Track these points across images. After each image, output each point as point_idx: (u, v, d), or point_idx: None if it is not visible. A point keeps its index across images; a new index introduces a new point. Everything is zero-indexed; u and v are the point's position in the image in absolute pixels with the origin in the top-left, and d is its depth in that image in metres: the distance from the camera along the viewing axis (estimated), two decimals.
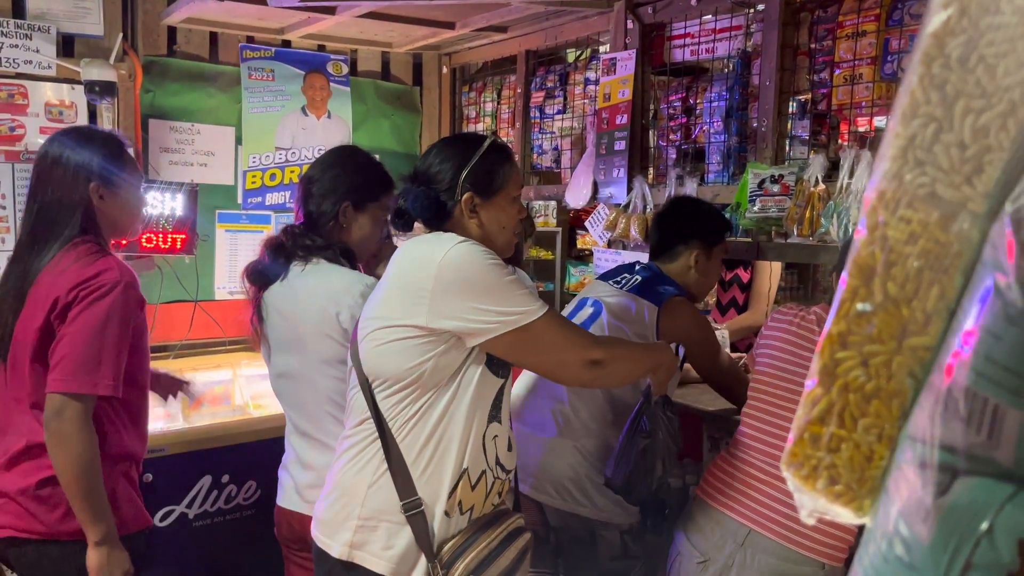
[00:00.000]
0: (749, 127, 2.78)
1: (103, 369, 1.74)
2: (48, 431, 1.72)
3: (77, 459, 1.72)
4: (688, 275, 2.31)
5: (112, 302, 1.75)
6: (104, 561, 1.76)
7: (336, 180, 1.98)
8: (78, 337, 1.73)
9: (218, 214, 3.63)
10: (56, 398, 1.72)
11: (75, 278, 1.76)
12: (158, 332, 3.44)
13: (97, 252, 1.83)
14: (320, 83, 3.86)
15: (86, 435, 1.73)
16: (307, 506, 1.90)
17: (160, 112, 3.44)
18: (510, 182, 1.65)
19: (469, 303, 1.48)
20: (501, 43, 3.84)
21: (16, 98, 3.10)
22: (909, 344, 0.55)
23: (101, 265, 1.79)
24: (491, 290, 1.49)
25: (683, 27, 2.99)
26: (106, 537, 1.76)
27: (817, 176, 2.40)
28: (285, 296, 1.92)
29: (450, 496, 1.52)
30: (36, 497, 1.79)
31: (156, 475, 2.83)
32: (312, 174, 2.03)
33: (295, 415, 1.98)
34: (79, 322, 1.73)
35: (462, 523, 1.54)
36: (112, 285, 1.76)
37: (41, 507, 1.79)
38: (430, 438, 1.52)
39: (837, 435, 0.57)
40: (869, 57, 2.40)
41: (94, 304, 1.74)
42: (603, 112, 3.19)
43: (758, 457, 1.84)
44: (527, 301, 1.51)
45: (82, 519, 1.75)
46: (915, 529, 0.51)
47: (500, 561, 1.53)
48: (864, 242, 0.56)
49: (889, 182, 0.55)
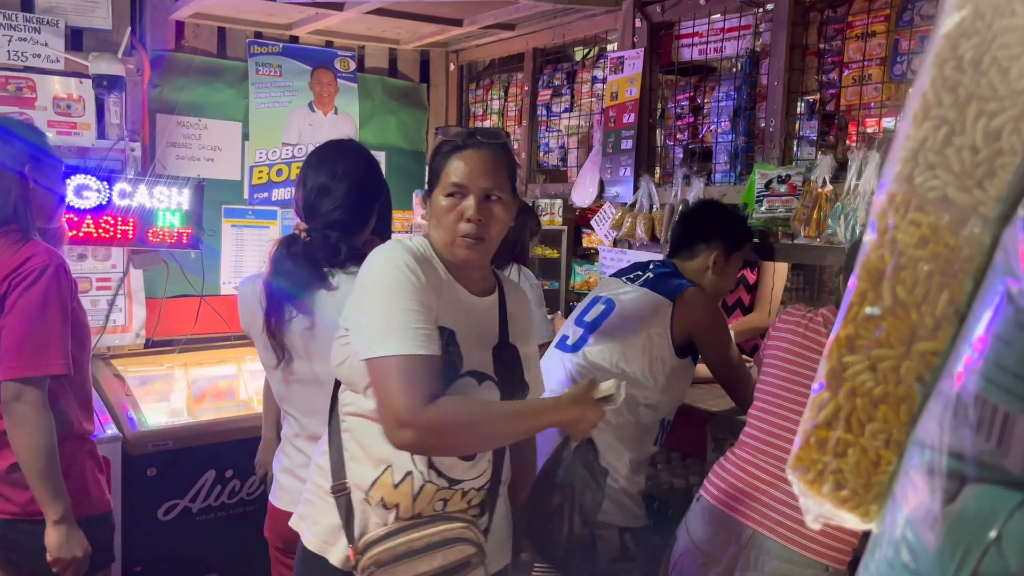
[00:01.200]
0: (757, 127, 2.77)
1: (51, 350, 1.80)
2: (8, 417, 1.78)
3: (35, 441, 1.78)
4: (704, 276, 2.30)
5: (47, 285, 1.80)
6: (64, 539, 1.82)
7: (373, 185, 1.98)
8: (20, 323, 1.77)
9: (224, 209, 3.63)
10: (11, 386, 1.77)
11: (4, 267, 1.80)
12: (164, 326, 3.45)
13: (21, 240, 1.86)
14: (327, 79, 3.86)
15: (44, 417, 1.79)
16: None
17: (167, 107, 3.45)
18: (443, 173, 1.51)
19: (355, 309, 1.49)
20: (509, 41, 3.83)
21: (24, 91, 3.10)
22: (918, 349, 0.54)
23: (28, 250, 1.83)
24: (369, 303, 1.45)
25: (691, 26, 2.98)
26: (64, 516, 1.82)
27: (825, 177, 2.39)
28: (323, 304, 1.88)
29: (371, 487, 1.52)
30: (8, 480, 1.84)
31: (160, 469, 2.84)
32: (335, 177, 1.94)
33: (310, 421, 1.95)
34: (18, 309, 1.78)
35: (388, 518, 1.52)
36: (42, 269, 1.80)
37: (12, 489, 1.84)
38: (360, 430, 1.55)
39: (844, 439, 0.57)
40: (878, 58, 2.39)
41: (29, 289, 1.78)
42: (610, 111, 3.18)
43: (763, 459, 1.84)
44: (390, 333, 1.38)
45: (41, 499, 1.80)
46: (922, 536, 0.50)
47: (418, 564, 1.48)
48: (873, 245, 0.55)
49: (900, 185, 0.54)
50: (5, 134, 1.91)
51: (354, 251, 1.92)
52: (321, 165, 1.94)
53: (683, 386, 2.28)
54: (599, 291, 2.41)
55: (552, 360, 2.32)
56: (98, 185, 2.98)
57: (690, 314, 2.19)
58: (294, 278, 1.87)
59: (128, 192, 3.04)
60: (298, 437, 1.99)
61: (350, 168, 1.94)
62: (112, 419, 2.83)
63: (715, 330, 2.25)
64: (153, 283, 3.42)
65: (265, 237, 3.74)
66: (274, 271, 1.89)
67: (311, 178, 1.94)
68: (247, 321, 2.00)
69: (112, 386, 3.03)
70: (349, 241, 1.91)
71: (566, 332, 2.37)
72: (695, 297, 2.22)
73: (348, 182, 1.92)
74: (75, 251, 3.21)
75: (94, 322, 3.26)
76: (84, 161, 3.13)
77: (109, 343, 3.32)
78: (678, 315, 2.18)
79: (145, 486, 2.82)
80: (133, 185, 3.06)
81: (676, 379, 2.22)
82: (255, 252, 3.71)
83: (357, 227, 1.95)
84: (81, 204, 2.95)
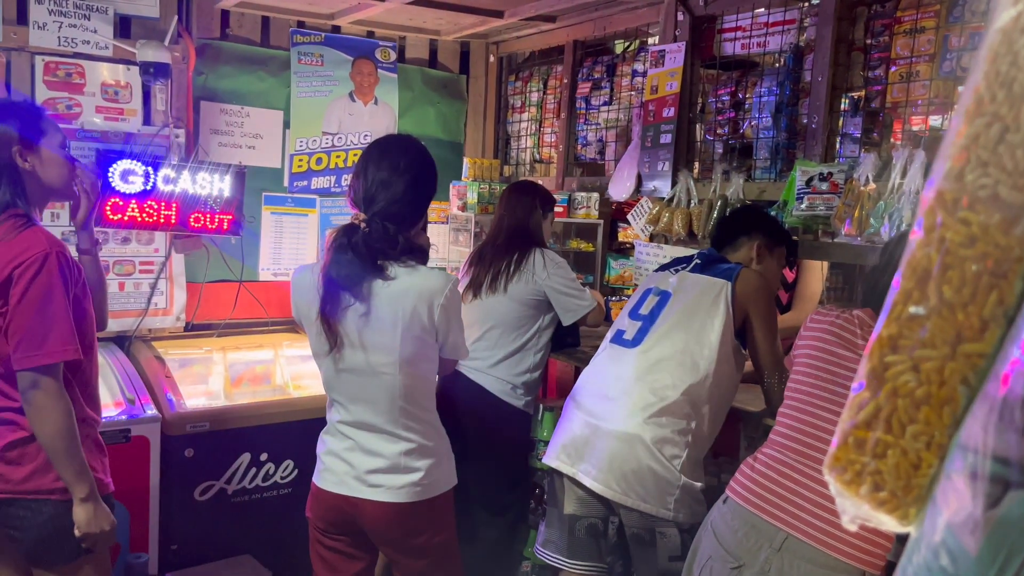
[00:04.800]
0: (799, 123, 2.73)
1: (62, 336, 1.83)
2: (27, 406, 1.83)
3: (56, 425, 1.82)
4: (750, 267, 2.30)
5: (50, 273, 1.82)
6: (92, 515, 1.87)
7: (431, 182, 2.04)
8: (29, 313, 1.80)
9: (264, 196, 3.68)
10: (27, 375, 1.81)
11: (6, 254, 1.82)
12: (203, 310, 3.51)
13: (22, 225, 1.88)
14: (368, 69, 3.88)
15: (62, 401, 1.84)
16: (372, 491, 1.97)
17: (211, 94, 3.50)
18: None
19: None
20: (549, 33, 3.82)
21: (74, 77, 3.17)
22: (963, 350, 0.53)
23: (28, 238, 1.85)
24: None
25: (735, 20, 2.95)
26: (91, 493, 1.88)
27: (868, 175, 2.34)
28: (378, 295, 1.92)
29: None
30: (4, 458, 1.88)
31: (197, 450, 2.90)
32: (397, 171, 1.97)
33: (360, 409, 1.99)
34: (26, 299, 1.81)
35: None
36: (44, 256, 1.82)
37: (9, 467, 1.88)
38: None
39: (884, 440, 0.56)
40: (927, 54, 2.34)
41: (36, 279, 1.81)
42: (650, 104, 3.15)
43: (794, 458, 1.81)
44: None
45: (67, 479, 1.85)
46: (962, 541, 0.49)
47: None
48: (920, 243, 0.54)
49: (949, 182, 0.53)
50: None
51: (409, 243, 1.95)
52: (383, 158, 1.97)
53: (740, 373, 2.29)
54: (648, 284, 2.41)
55: (611, 355, 2.33)
56: (143, 170, 3.03)
57: (749, 293, 2.21)
58: (352, 267, 1.91)
59: (171, 178, 3.10)
60: (344, 423, 2.02)
61: (412, 163, 1.98)
62: (152, 400, 2.89)
63: (770, 312, 2.27)
64: (194, 268, 3.48)
65: (304, 225, 3.78)
66: (333, 260, 1.93)
67: (372, 170, 1.96)
68: (301, 309, 2.03)
69: (153, 367, 3.10)
70: (405, 233, 1.94)
71: (621, 327, 2.36)
72: (752, 276, 2.25)
73: (410, 177, 1.96)
74: (119, 235, 3.28)
75: (136, 304, 3.34)
76: (130, 147, 3.19)
77: (150, 325, 3.39)
78: (738, 293, 2.20)
79: (182, 467, 2.87)
80: (176, 171, 3.11)
81: (737, 365, 2.24)
82: (294, 239, 3.75)
83: (414, 221, 2.00)
84: (126, 189, 3.01)
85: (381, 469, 1.97)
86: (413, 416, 1.99)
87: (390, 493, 1.97)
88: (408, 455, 1.98)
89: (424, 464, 2.00)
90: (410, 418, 1.98)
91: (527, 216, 2.95)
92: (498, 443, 2.89)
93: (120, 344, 3.29)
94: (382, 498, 1.97)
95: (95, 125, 3.21)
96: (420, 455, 2.00)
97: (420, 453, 2.00)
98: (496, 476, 2.89)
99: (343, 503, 2.02)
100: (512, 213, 2.97)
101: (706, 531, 1.92)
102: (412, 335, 1.93)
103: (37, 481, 1.87)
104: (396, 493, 1.97)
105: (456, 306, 2.01)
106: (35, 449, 1.87)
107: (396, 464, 1.97)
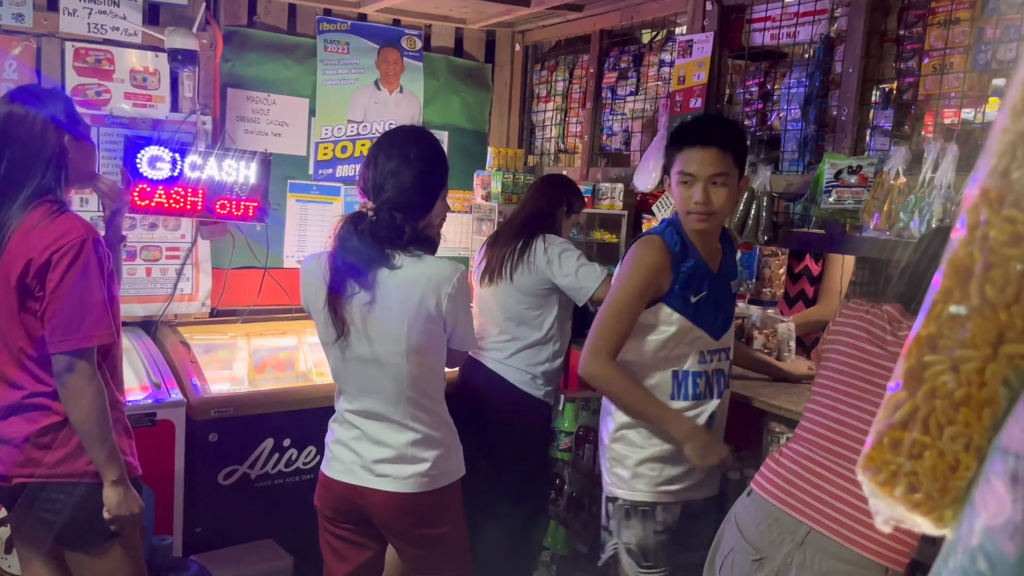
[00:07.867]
0: (828, 115, 2.69)
1: (98, 320, 1.86)
2: (62, 388, 1.86)
3: (90, 409, 1.86)
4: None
5: (87, 258, 1.85)
6: (122, 498, 1.91)
7: (441, 173, 2.04)
8: (67, 297, 1.83)
9: (289, 184, 3.70)
10: (62, 358, 1.84)
11: (44, 239, 1.84)
12: (228, 296, 3.54)
13: (57, 211, 1.91)
14: (394, 57, 3.88)
15: (96, 385, 1.87)
16: (379, 481, 1.98)
17: (238, 82, 3.51)
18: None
19: None
20: (575, 22, 3.79)
21: (103, 64, 3.20)
22: (1005, 351, 0.52)
23: (65, 223, 1.88)
24: None
25: (764, 10, 2.91)
26: (121, 477, 1.92)
27: (898, 169, 2.31)
28: (384, 283, 1.93)
29: None
30: (37, 443, 1.91)
31: (221, 435, 2.92)
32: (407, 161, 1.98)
33: (368, 398, 2.00)
34: (64, 284, 1.83)
35: None
36: (81, 242, 1.85)
37: (42, 452, 1.91)
38: None
39: (920, 441, 0.55)
40: (961, 46, 2.29)
41: (73, 264, 1.84)
42: (676, 95, 3.13)
43: (821, 454, 1.79)
44: None
45: (99, 462, 1.89)
46: (1001, 545, 0.48)
47: None
48: (962, 242, 0.53)
49: (994, 179, 0.52)
50: (40, 104, 1.93)
51: (416, 233, 1.95)
52: (393, 148, 1.98)
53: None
54: None
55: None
56: (170, 157, 3.05)
57: None
58: (358, 255, 1.91)
59: (198, 164, 3.11)
60: (351, 412, 2.03)
61: (421, 154, 1.98)
62: (177, 384, 2.92)
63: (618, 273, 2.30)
64: (219, 254, 3.51)
65: (329, 213, 3.79)
66: (339, 247, 1.93)
67: (382, 159, 1.97)
68: (309, 297, 2.04)
69: (178, 352, 3.13)
70: (412, 224, 1.93)
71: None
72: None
73: (419, 167, 1.96)
74: (147, 220, 3.31)
75: (162, 290, 3.37)
76: (157, 133, 3.21)
77: (176, 311, 3.42)
78: None
79: (207, 451, 2.91)
80: (203, 158, 3.13)
81: None
82: (318, 227, 3.77)
83: (422, 211, 1.99)
84: (153, 175, 3.03)
85: (388, 459, 1.98)
86: (421, 406, 2.00)
87: (397, 483, 1.98)
88: (415, 445, 1.99)
89: (431, 455, 2.00)
90: (418, 408, 1.99)
91: (551, 208, 2.94)
92: (518, 433, 2.90)
93: (146, 329, 3.32)
94: (389, 488, 1.98)
95: (124, 111, 3.23)
96: (427, 446, 2.00)
97: (427, 443, 2.00)
98: (516, 466, 2.89)
99: (351, 492, 2.03)
100: (536, 201, 2.97)
101: (729, 523, 1.92)
102: (419, 325, 1.93)
103: (70, 465, 1.90)
104: (403, 483, 1.98)
105: (465, 296, 2.00)
106: (67, 434, 1.90)
107: (403, 454, 1.98)
